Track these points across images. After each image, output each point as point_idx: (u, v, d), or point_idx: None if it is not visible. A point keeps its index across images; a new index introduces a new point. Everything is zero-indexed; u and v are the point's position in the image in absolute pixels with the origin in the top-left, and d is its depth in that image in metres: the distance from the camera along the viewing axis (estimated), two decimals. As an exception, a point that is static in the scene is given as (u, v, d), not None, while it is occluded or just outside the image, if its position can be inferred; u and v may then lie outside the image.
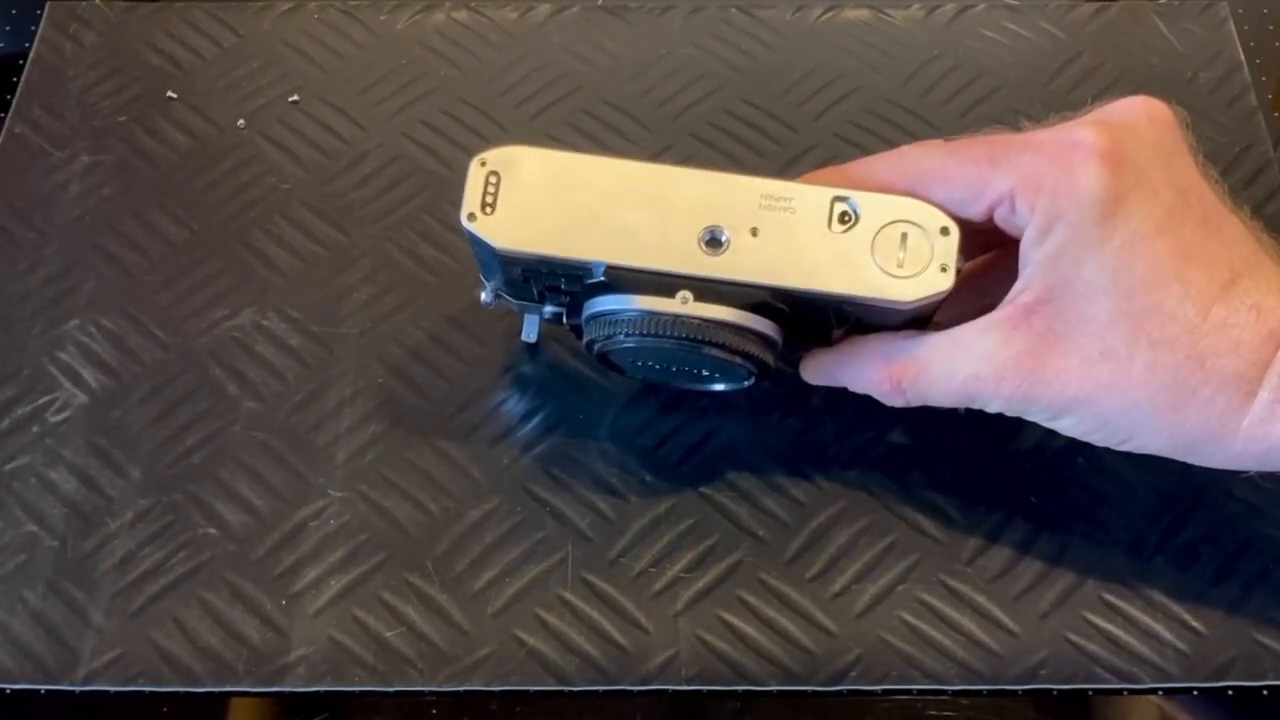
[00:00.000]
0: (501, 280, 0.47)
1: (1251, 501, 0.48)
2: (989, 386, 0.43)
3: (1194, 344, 0.41)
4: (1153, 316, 0.41)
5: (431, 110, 0.60)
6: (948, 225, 0.43)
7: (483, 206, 0.43)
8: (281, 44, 0.62)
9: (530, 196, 0.43)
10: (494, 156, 0.44)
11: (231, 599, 0.46)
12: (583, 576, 0.47)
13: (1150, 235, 0.41)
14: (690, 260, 0.43)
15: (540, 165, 0.44)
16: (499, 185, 0.43)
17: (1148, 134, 0.43)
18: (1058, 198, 0.41)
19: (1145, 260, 0.41)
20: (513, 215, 0.43)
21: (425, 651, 0.46)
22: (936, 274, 0.43)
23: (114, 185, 0.57)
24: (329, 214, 0.56)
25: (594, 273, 0.43)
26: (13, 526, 0.48)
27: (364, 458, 0.50)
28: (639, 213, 0.43)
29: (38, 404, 0.51)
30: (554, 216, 0.43)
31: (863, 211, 0.43)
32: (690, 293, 0.43)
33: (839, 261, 0.43)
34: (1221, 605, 0.46)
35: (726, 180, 0.44)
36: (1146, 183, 0.42)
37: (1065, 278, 0.42)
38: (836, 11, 0.63)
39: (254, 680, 0.45)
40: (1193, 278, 0.41)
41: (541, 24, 0.63)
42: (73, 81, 0.60)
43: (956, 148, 0.44)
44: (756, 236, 0.43)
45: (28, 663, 0.45)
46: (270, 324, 0.53)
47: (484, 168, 0.43)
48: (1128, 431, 0.43)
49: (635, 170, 0.44)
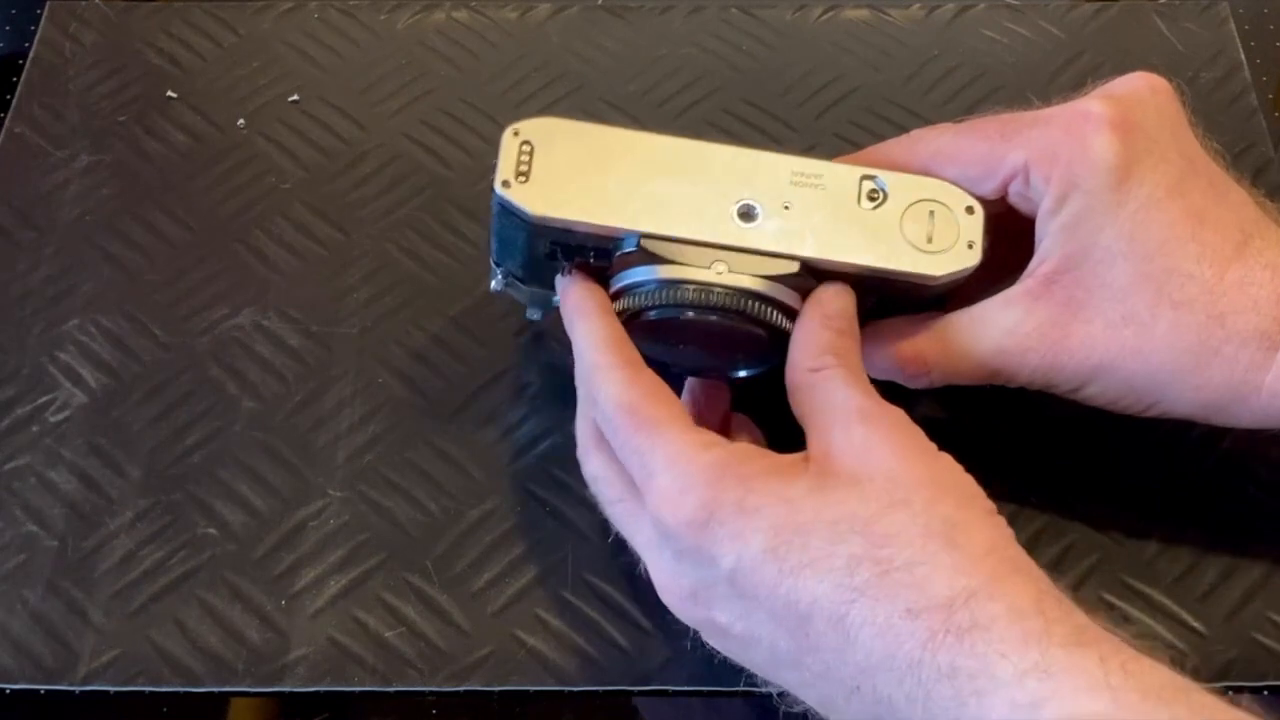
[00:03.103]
0: (521, 260, 0.46)
1: (1252, 502, 0.48)
2: (1014, 360, 0.43)
3: (1214, 303, 0.41)
4: (1173, 278, 0.41)
5: (431, 110, 0.59)
6: (973, 204, 0.44)
7: (516, 175, 0.43)
8: (281, 44, 0.62)
9: (564, 166, 0.43)
10: (527, 127, 0.44)
11: (231, 599, 0.46)
12: (583, 576, 0.47)
13: (1164, 199, 0.42)
14: (726, 231, 0.43)
15: (574, 136, 0.44)
16: (533, 154, 0.43)
17: (1153, 104, 0.43)
18: (1072, 166, 0.42)
19: (1161, 223, 0.42)
20: (547, 184, 0.43)
21: (425, 651, 0.46)
22: (964, 250, 0.43)
23: (114, 185, 0.57)
24: (329, 214, 0.56)
25: (626, 244, 0.43)
26: (12, 526, 0.48)
27: (364, 458, 0.50)
28: (673, 185, 0.43)
29: (37, 403, 0.51)
30: (588, 186, 0.43)
31: (890, 190, 0.44)
32: (725, 264, 0.43)
33: (870, 236, 0.43)
34: (1222, 607, 0.46)
35: (757, 156, 0.44)
36: (1156, 149, 0.42)
37: (1083, 245, 0.42)
38: (837, 11, 0.63)
39: (254, 680, 0.45)
40: (1207, 239, 0.42)
41: (541, 23, 0.63)
42: (73, 81, 0.60)
43: (967, 127, 0.45)
44: (789, 210, 0.43)
45: (27, 662, 0.45)
46: (270, 324, 0.53)
47: (517, 137, 0.43)
48: (1153, 396, 0.43)
49: (668, 144, 0.44)
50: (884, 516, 0.37)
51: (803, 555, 0.37)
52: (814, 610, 0.36)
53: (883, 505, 0.37)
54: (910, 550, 0.36)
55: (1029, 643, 0.34)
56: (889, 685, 0.35)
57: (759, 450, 0.41)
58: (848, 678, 0.36)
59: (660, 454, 0.39)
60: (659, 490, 0.39)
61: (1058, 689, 0.33)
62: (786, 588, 0.37)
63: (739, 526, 0.38)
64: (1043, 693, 0.33)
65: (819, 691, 0.38)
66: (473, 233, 0.56)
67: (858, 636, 0.36)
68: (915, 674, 0.35)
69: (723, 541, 0.38)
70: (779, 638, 0.38)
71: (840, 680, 0.36)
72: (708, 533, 0.38)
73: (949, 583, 0.35)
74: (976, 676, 0.34)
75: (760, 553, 0.37)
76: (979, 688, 0.34)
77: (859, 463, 0.38)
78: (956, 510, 0.37)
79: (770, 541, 0.37)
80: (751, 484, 0.38)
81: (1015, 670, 0.33)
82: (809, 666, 0.37)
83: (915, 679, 0.35)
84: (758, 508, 0.38)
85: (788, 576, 0.37)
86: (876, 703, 0.36)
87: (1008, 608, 0.35)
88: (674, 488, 0.38)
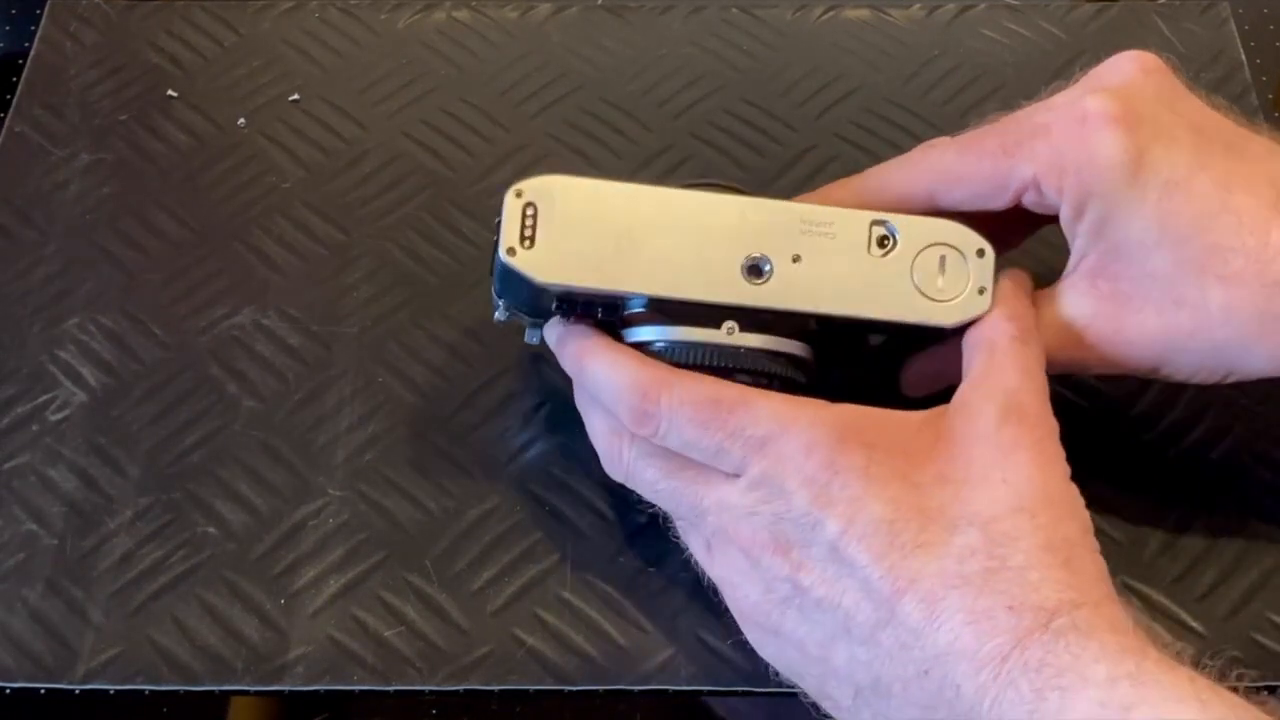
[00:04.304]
0: (528, 303, 0.46)
1: (1252, 503, 0.48)
2: (1076, 354, 0.43)
3: (1263, 272, 0.41)
4: (1215, 255, 0.41)
5: (432, 109, 0.60)
6: (984, 247, 0.43)
7: (521, 240, 0.42)
8: (282, 43, 0.62)
9: (568, 228, 0.43)
10: (529, 187, 0.43)
11: (230, 598, 0.46)
12: (582, 576, 0.47)
13: (1184, 179, 0.41)
14: (734, 290, 0.43)
15: (576, 195, 0.43)
16: (536, 217, 0.42)
17: (1148, 86, 0.43)
18: (1082, 175, 0.42)
19: (1188, 204, 0.41)
20: (553, 248, 0.42)
21: (424, 651, 0.46)
22: (974, 297, 0.43)
23: (114, 184, 0.57)
24: (329, 213, 0.56)
25: (634, 303, 0.43)
26: (12, 525, 0.48)
27: (363, 457, 0.50)
28: (679, 241, 0.43)
29: (37, 402, 0.51)
30: (594, 247, 0.42)
31: (901, 235, 0.43)
32: (736, 323, 0.42)
33: (881, 287, 0.43)
34: (1222, 607, 0.46)
35: (764, 205, 0.43)
36: (1163, 132, 0.42)
37: (1115, 244, 0.42)
38: (837, 11, 0.63)
39: (253, 679, 0.45)
40: (1240, 204, 0.41)
41: (542, 23, 0.63)
42: (73, 80, 0.60)
43: (967, 145, 0.44)
44: (798, 263, 0.43)
45: (27, 661, 0.45)
46: (270, 323, 0.53)
47: (520, 199, 0.43)
48: (1226, 367, 0.43)
49: (672, 197, 0.43)
50: (1008, 519, 0.37)
51: (919, 536, 0.37)
52: (911, 588, 0.37)
53: (1009, 508, 0.38)
54: (1025, 557, 0.37)
55: (1125, 654, 0.35)
56: (964, 674, 0.36)
57: (877, 413, 0.41)
58: (920, 660, 0.36)
59: (769, 421, 0.40)
60: (778, 452, 0.39)
61: (1148, 696, 0.34)
62: (892, 562, 0.37)
63: (859, 491, 0.38)
64: (1134, 698, 0.34)
65: (875, 673, 0.38)
66: (473, 232, 0.56)
67: (948, 621, 0.36)
68: (997, 666, 0.35)
69: (839, 504, 0.38)
70: (862, 607, 0.38)
71: (910, 661, 0.37)
72: (826, 493, 0.38)
73: (1058, 594, 0.36)
74: (1064, 673, 0.34)
75: (876, 522, 0.38)
76: (1064, 684, 0.34)
77: (994, 462, 0.39)
78: (1076, 535, 0.38)
79: (889, 514, 0.38)
80: (874, 452, 0.39)
81: (1108, 674, 0.34)
82: (881, 643, 0.37)
83: (994, 671, 0.35)
84: (883, 479, 0.38)
85: (896, 551, 0.37)
86: (941, 689, 0.36)
87: (1109, 623, 0.36)
88: (796, 446, 0.39)
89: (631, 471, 0.43)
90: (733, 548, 0.40)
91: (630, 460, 0.43)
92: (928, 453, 0.39)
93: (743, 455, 0.40)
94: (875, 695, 0.38)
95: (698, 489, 0.41)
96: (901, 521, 0.38)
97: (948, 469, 0.39)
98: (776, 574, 0.39)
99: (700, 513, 0.41)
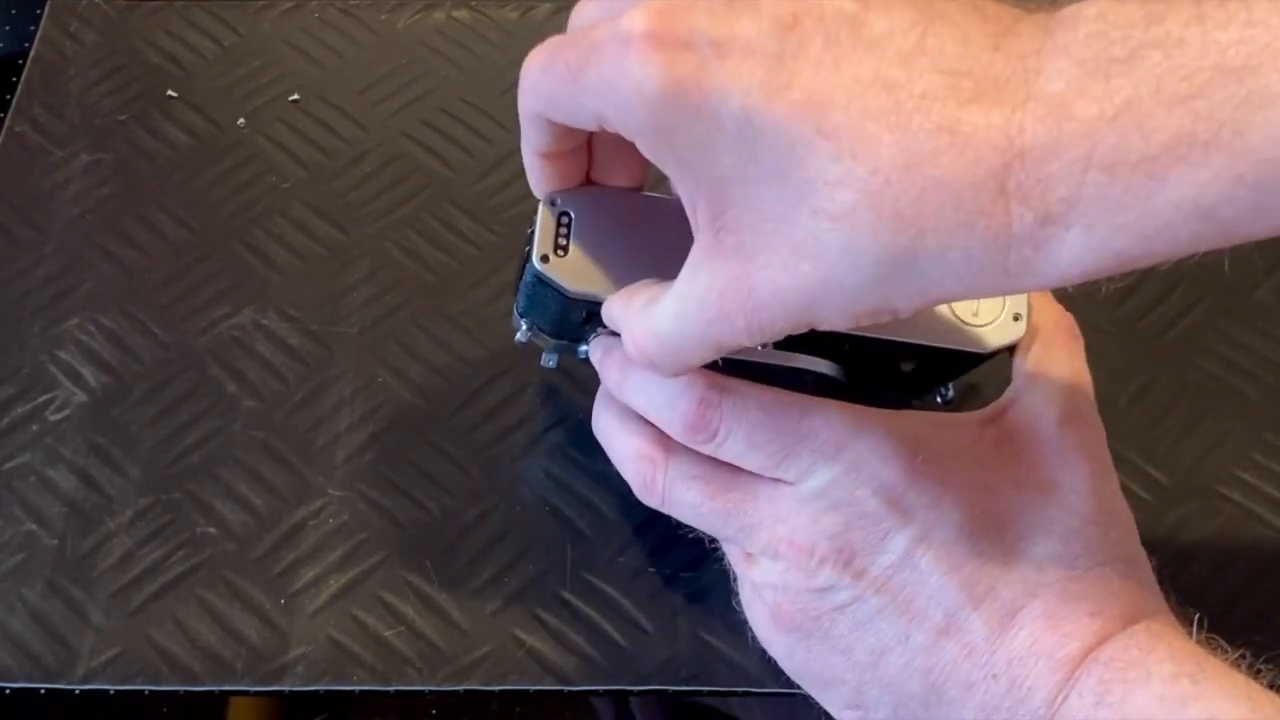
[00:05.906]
0: (552, 321, 0.45)
1: (1249, 502, 0.48)
2: (725, 330, 0.35)
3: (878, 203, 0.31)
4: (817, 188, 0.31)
5: (432, 109, 0.60)
6: None
7: (555, 248, 0.42)
8: (282, 43, 0.62)
9: (602, 238, 0.42)
10: (564, 197, 0.42)
11: (230, 598, 0.46)
12: (582, 576, 0.47)
13: (763, 103, 0.31)
14: None
15: (610, 205, 0.43)
16: (571, 226, 0.42)
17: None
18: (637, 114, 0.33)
19: (773, 130, 0.32)
20: (585, 257, 0.42)
21: (424, 651, 0.46)
22: (1010, 322, 0.43)
23: (114, 184, 0.57)
24: (329, 213, 0.56)
25: None
26: (12, 525, 0.48)
27: (363, 457, 0.50)
28: None
29: (37, 402, 0.51)
30: (628, 257, 0.42)
31: None
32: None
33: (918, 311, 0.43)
34: (1219, 606, 0.46)
35: None
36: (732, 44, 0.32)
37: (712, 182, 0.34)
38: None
39: (253, 679, 0.45)
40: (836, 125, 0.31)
41: (542, 23, 0.63)
42: (73, 80, 0.60)
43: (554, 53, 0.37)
44: None
45: (27, 661, 0.45)
46: (270, 323, 0.53)
47: (554, 208, 0.42)
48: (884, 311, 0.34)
49: None
50: (1084, 530, 0.38)
51: (996, 545, 0.38)
52: (989, 596, 0.37)
53: (1084, 520, 0.38)
54: (1103, 569, 0.38)
55: (1189, 657, 0.36)
56: (1040, 674, 0.36)
57: (940, 417, 0.41)
58: (990, 664, 0.37)
59: (843, 427, 0.39)
60: (853, 459, 0.38)
61: (1204, 693, 0.35)
62: (969, 571, 0.37)
63: (936, 499, 0.38)
64: (1191, 694, 0.35)
65: (931, 680, 0.38)
66: (473, 232, 0.56)
67: (1027, 626, 0.37)
68: (1074, 666, 0.36)
69: (916, 512, 0.38)
70: (930, 615, 0.38)
71: (978, 666, 0.37)
72: (902, 502, 0.38)
73: (1134, 602, 0.37)
74: (1131, 668, 0.35)
75: (955, 529, 0.38)
76: (1130, 678, 0.35)
77: (1059, 468, 0.39)
78: (1135, 549, 0.39)
79: (966, 524, 0.38)
80: (948, 460, 0.39)
81: (1172, 672, 0.35)
82: (945, 650, 0.37)
83: (1069, 671, 0.36)
84: (958, 487, 0.38)
85: (973, 560, 0.37)
86: (1010, 690, 0.36)
87: (1175, 630, 0.37)
88: (873, 453, 0.38)
89: (669, 497, 0.41)
90: (784, 556, 0.39)
91: (666, 485, 0.41)
92: (994, 455, 0.40)
93: (811, 461, 0.39)
94: (923, 703, 0.38)
95: (745, 507, 0.40)
96: (980, 530, 0.38)
97: (1018, 474, 0.39)
98: (832, 582, 0.39)
99: (749, 530, 0.40)
